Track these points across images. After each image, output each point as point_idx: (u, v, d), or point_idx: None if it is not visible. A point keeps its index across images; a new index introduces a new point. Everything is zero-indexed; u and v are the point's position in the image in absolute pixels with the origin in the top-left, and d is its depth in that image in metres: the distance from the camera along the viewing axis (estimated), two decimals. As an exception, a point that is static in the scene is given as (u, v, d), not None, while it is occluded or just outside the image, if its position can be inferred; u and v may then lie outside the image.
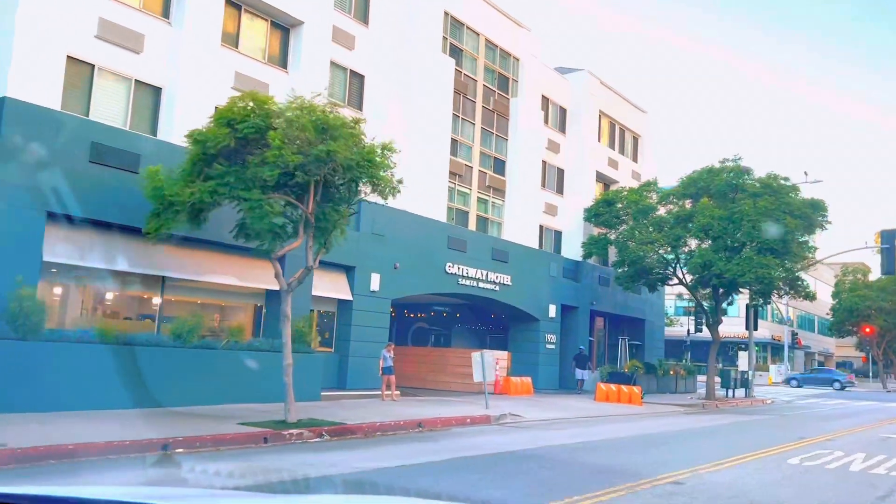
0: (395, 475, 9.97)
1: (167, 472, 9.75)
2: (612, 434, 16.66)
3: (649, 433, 17.08)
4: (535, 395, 27.72)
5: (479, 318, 33.11)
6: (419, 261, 24.02)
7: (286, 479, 9.59)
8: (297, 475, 9.69)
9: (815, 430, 18.22)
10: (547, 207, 32.43)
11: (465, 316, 33.01)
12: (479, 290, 26.65)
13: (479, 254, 26.69)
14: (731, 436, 16.69)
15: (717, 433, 17.64)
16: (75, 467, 9.56)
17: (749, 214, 25.83)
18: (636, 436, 16.31)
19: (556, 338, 31.08)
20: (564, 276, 31.99)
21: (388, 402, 20.53)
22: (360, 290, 21.88)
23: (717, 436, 17.01)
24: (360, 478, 9.63)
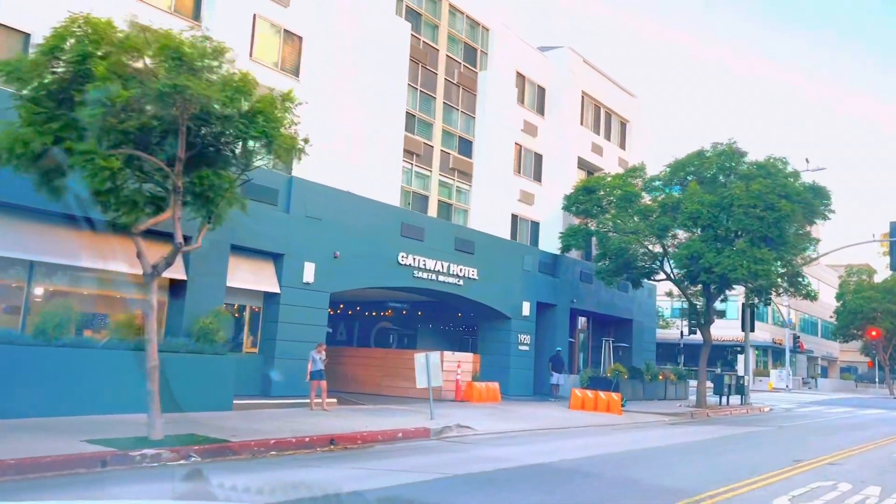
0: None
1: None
2: (571, 452, 13.69)
3: (617, 451, 14.11)
4: (503, 402, 24.76)
5: (448, 316, 30.14)
6: (366, 249, 21.07)
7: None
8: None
9: (816, 448, 15.21)
10: (522, 195, 29.47)
11: (432, 315, 30.05)
12: (438, 285, 23.69)
13: (439, 243, 23.74)
14: (711, 457, 13.69)
15: (695, 452, 14.65)
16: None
17: (741, 199, 22.81)
18: (599, 456, 13.33)
19: (531, 339, 28.10)
20: (541, 270, 29.01)
21: (318, 411, 17.59)
22: (289, 282, 18.94)
23: (693, 456, 14.01)
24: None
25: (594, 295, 32.02)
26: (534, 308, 28.34)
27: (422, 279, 22.99)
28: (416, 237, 22.87)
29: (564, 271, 30.28)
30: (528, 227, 30.13)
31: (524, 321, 27.76)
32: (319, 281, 19.57)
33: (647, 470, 11.61)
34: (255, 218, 18.14)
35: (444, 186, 25.49)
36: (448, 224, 24.86)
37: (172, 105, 10.20)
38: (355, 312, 30.48)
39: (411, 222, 22.80)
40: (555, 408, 23.91)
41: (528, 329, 28.00)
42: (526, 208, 29.79)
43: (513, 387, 26.94)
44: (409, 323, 30.63)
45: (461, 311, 28.57)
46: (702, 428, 20.72)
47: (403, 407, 20.36)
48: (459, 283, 24.50)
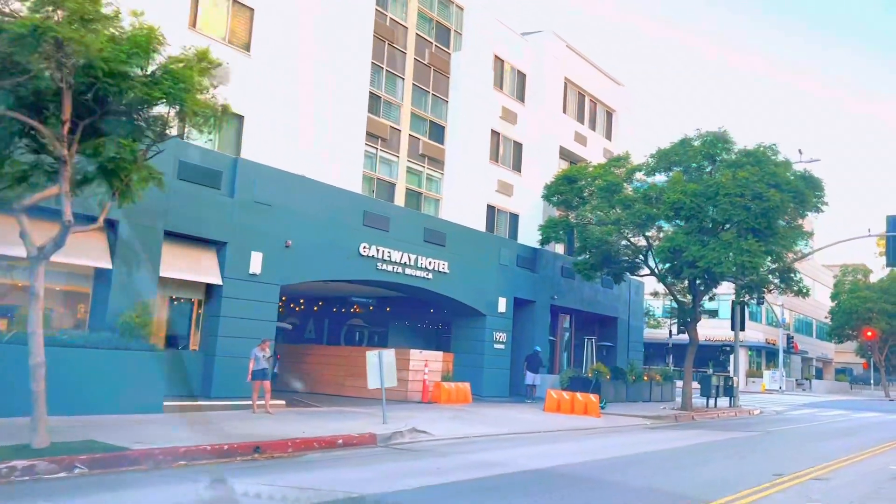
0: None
1: None
2: (527, 462, 12.19)
3: (578, 462, 12.59)
4: (475, 403, 23.26)
5: (421, 313, 28.60)
6: (323, 239, 19.54)
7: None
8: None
9: (802, 458, 13.70)
10: (500, 186, 27.96)
11: (404, 311, 28.50)
12: (405, 278, 22.15)
13: (406, 234, 22.21)
14: (680, 469, 12.15)
15: (665, 463, 13.12)
16: None
17: (727, 188, 21.30)
18: (556, 468, 11.79)
19: (507, 336, 26.57)
20: (519, 265, 27.49)
21: (260, 414, 16.07)
22: (233, 273, 17.39)
23: (661, 468, 12.45)
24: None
25: (576, 291, 30.52)
26: (511, 304, 26.83)
27: (386, 272, 21.46)
28: (381, 227, 21.35)
29: (544, 266, 28.77)
30: (506, 219, 28.62)
31: (500, 318, 26.25)
32: (268, 272, 18.02)
33: (599, 490, 10.07)
34: (195, 202, 16.66)
35: (412, 174, 23.97)
36: (416, 214, 23.33)
37: (46, 57, 8.68)
38: (325, 309, 28.95)
39: (375, 211, 21.26)
40: (529, 410, 22.42)
41: (505, 326, 26.49)
42: (504, 199, 28.28)
43: (487, 387, 25.43)
44: (381, 320, 29.09)
45: (433, 308, 27.06)
46: (683, 433, 19.24)
47: (360, 409, 18.82)
48: (428, 277, 22.98)
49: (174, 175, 15.95)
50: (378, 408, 19.97)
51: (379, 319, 29.14)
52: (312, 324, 30.46)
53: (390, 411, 19.17)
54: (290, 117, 19.50)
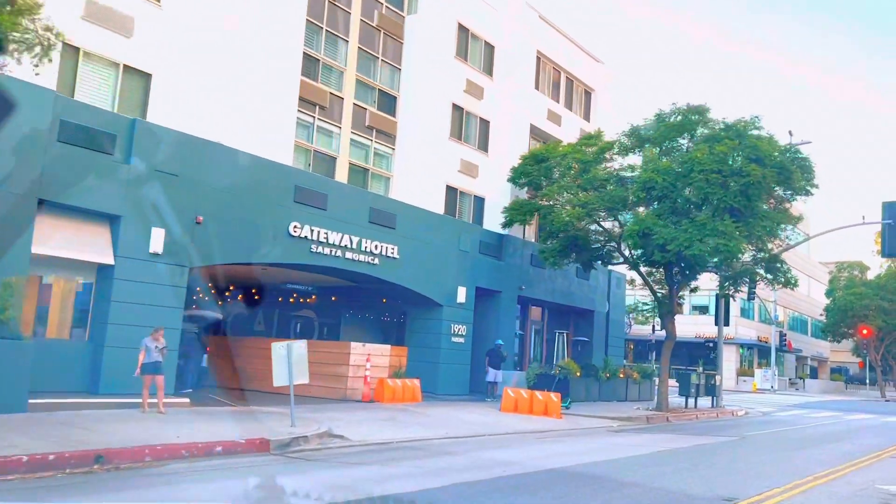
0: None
1: None
2: (433, 479, 9.98)
3: (498, 477, 10.36)
4: (425, 402, 21.05)
5: (377, 304, 26.36)
6: (243, 216, 17.29)
7: None
8: None
9: (771, 472, 11.45)
10: (463, 166, 25.69)
11: (360, 301, 26.25)
12: (345, 263, 19.90)
13: (348, 214, 19.97)
14: (612, 490, 9.87)
15: (603, 479, 10.85)
16: None
17: (702, 163, 19.04)
18: (456, 486, 9.57)
19: (468, 329, 24.34)
20: (482, 252, 25.25)
21: (152, 413, 13.85)
22: (129, 251, 15.12)
23: (590, 487, 10.23)
24: None
25: (548, 282, 28.28)
26: (472, 294, 24.59)
27: (322, 255, 19.20)
28: (316, 205, 19.09)
29: (512, 254, 26.53)
30: (469, 202, 26.35)
31: (459, 309, 24.01)
32: (173, 252, 15.75)
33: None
34: (80, 168, 14.40)
35: (358, 147, 21.69)
36: (361, 191, 21.05)
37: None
38: (273, 299, 26.65)
39: (309, 186, 19.00)
40: (483, 410, 20.21)
41: (465, 318, 24.25)
42: (468, 181, 26.01)
43: (443, 384, 23.21)
44: (334, 311, 26.84)
45: (386, 297, 24.81)
46: (648, 438, 17.01)
47: (280, 409, 16.61)
48: (374, 263, 20.73)
49: (53, 136, 13.73)
50: (309, 407, 17.79)
51: (332, 310, 26.88)
52: (262, 315, 28.23)
53: (323, 412, 16.99)
54: (208, 77, 17.23)
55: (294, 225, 18.42)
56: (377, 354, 20.88)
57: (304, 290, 25.27)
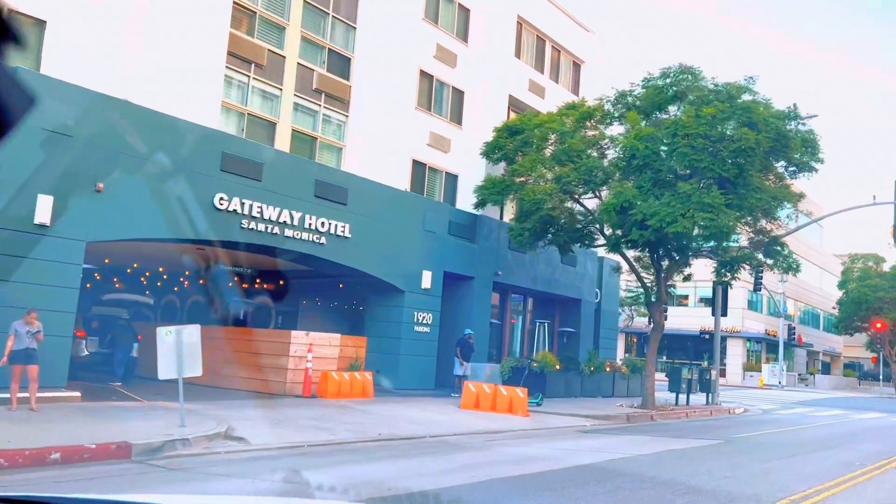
0: None
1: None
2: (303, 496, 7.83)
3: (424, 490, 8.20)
4: (377, 398, 18.90)
5: (341, 290, 24.20)
6: (157, 185, 15.14)
7: None
8: None
9: (737, 495, 9.18)
10: (433, 139, 23.45)
11: (322, 288, 24.10)
12: (285, 242, 17.73)
13: (288, 186, 17.80)
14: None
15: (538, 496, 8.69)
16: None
17: (688, 127, 16.69)
18: None
19: (434, 318, 22.14)
20: (452, 233, 23.01)
21: (22, 410, 11.80)
22: (7, 222, 13.03)
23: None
24: None
25: (528, 268, 26.01)
26: (439, 280, 22.37)
27: (255, 232, 17.04)
28: (249, 175, 16.92)
29: (486, 236, 24.27)
30: (440, 180, 24.10)
31: (424, 296, 21.80)
32: (66, 224, 13.64)
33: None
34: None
35: (303, 112, 19.46)
36: (304, 162, 18.83)
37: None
38: (221, 284, 24.51)
39: (240, 154, 16.82)
40: (441, 407, 18.03)
41: (430, 306, 22.04)
42: (438, 156, 23.76)
43: (404, 378, 21.03)
44: (292, 299, 24.70)
45: (343, 282, 22.63)
46: (618, 440, 14.75)
47: (190, 405, 14.51)
48: (320, 242, 18.55)
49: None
50: (233, 403, 15.69)
51: (291, 298, 24.73)
52: (208, 302, 26.14)
53: (243, 409, 14.90)
54: (114, 27, 15.08)
55: (220, 197, 16.26)
56: (323, 344, 18.73)
57: (251, 274, 23.11)
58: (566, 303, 28.92)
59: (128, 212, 14.63)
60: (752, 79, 18.25)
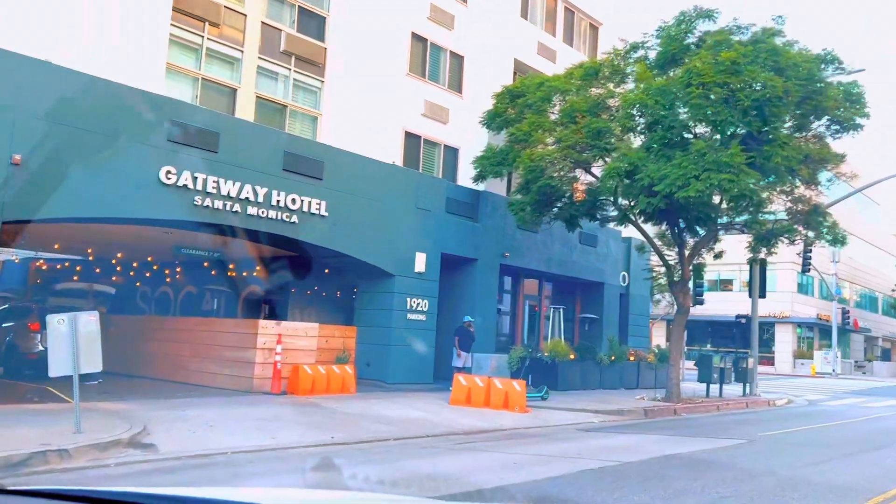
0: None
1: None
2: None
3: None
4: (361, 393, 16.99)
5: (327, 277, 22.27)
6: (90, 156, 13.40)
7: None
8: None
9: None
10: (429, 109, 21.35)
11: (310, 275, 22.20)
12: (248, 221, 15.83)
13: (250, 159, 15.90)
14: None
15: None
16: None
17: (703, 75, 14.20)
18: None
19: (431, 305, 20.06)
20: (450, 211, 20.88)
21: None
22: None
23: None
24: None
25: (541, 248, 23.72)
26: (436, 263, 20.28)
27: (211, 210, 15.18)
28: (202, 146, 15.06)
29: (490, 214, 22.04)
30: (438, 153, 22.00)
31: (418, 280, 19.74)
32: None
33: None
34: None
35: (269, 77, 17.53)
36: (269, 132, 16.85)
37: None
38: (201, 272, 22.83)
39: (192, 122, 14.97)
40: (427, 404, 15.99)
41: (426, 291, 19.96)
42: (436, 127, 21.65)
43: (396, 371, 19.03)
44: (283, 287, 22.90)
45: (328, 268, 20.70)
46: (625, 440, 12.52)
47: (125, 405, 12.76)
48: (291, 220, 16.62)
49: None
50: (179, 402, 13.90)
51: (283, 286, 22.92)
52: (210, 294, 24.55)
53: (186, 408, 13.07)
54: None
55: (167, 171, 14.44)
56: (297, 335, 16.84)
57: (222, 259, 21.28)
58: (587, 287, 26.52)
59: (52, 188, 12.91)
60: (780, 18, 15.62)
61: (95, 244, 21.04)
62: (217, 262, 20.82)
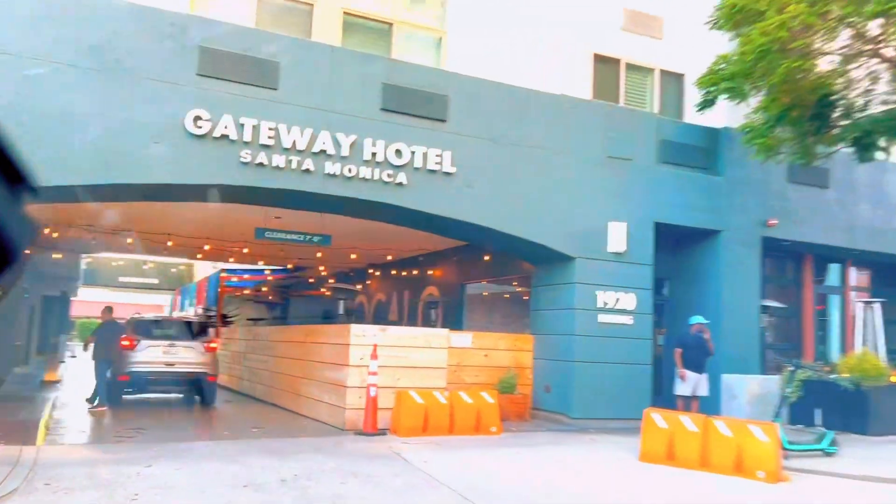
0: None
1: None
2: None
3: None
4: (519, 433, 11.18)
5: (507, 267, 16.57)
6: (76, 101, 9.75)
7: None
8: None
9: None
10: (630, 20, 14.80)
11: (490, 266, 16.77)
12: (324, 184, 11.04)
13: (330, 97, 11.15)
14: None
15: None
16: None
17: None
18: None
19: (640, 301, 13.32)
20: (667, 159, 13.98)
21: None
22: None
23: None
24: None
25: (835, 210, 15.46)
26: (646, 237, 13.53)
27: (268, 170, 10.67)
28: (252, 80, 10.69)
29: (740, 163, 14.39)
30: (650, 82, 15.23)
31: (615, 264, 13.20)
32: None
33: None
34: None
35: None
36: (357, 57, 11.73)
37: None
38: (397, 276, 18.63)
39: (232, 48, 10.66)
40: (605, 455, 9.61)
41: (630, 280, 13.30)
42: (642, 45, 14.98)
43: (582, 399, 12.68)
44: (451, 285, 17.80)
45: (489, 253, 15.05)
46: None
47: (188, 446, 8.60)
48: (397, 182, 11.47)
49: None
50: (226, 447, 9.44)
51: (448, 283, 17.78)
52: (393, 298, 20.51)
53: (217, 459, 8.62)
54: None
55: (195, 115, 10.28)
56: (408, 345, 11.55)
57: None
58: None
59: (29, 147, 9.37)
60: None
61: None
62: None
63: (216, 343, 14.41)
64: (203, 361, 14.00)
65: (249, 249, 17.45)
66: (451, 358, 12.76)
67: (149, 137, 10.04)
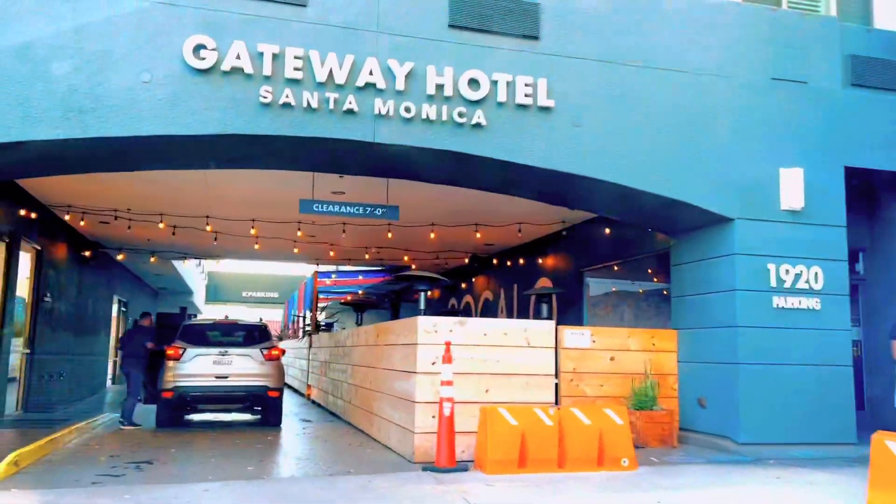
0: None
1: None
2: None
3: None
4: (663, 467, 7.74)
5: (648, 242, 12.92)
6: (40, 29, 7.42)
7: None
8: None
9: None
10: None
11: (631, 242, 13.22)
12: (374, 129, 8.14)
13: (374, 15, 8.29)
14: None
15: None
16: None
17: None
18: None
19: (831, 277, 9.43)
20: (859, 81, 10.01)
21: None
22: None
23: None
24: None
25: None
26: (834, 188, 9.61)
27: (294, 112, 7.91)
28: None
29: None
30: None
31: (792, 225, 9.40)
32: None
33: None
34: None
35: None
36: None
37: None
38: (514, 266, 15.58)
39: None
40: None
41: (814, 247, 9.43)
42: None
43: (754, 417, 8.95)
44: (570, 270, 14.36)
45: (611, 224, 11.54)
46: None
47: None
48: (473, 123, 8.39)
49: None
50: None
51: (567, 267, 14.33)
52: (507, 293, 17.44)
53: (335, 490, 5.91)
54: None
55: (197, 42, 7.69)
56: (492, 343, 8.34)
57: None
58: None
59: None
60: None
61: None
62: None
63: (278, 351, 11.86)
64: (262, 373, 11.51)
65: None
66: (565, 362, 9.52)
67: (134, 75, 7.54)
